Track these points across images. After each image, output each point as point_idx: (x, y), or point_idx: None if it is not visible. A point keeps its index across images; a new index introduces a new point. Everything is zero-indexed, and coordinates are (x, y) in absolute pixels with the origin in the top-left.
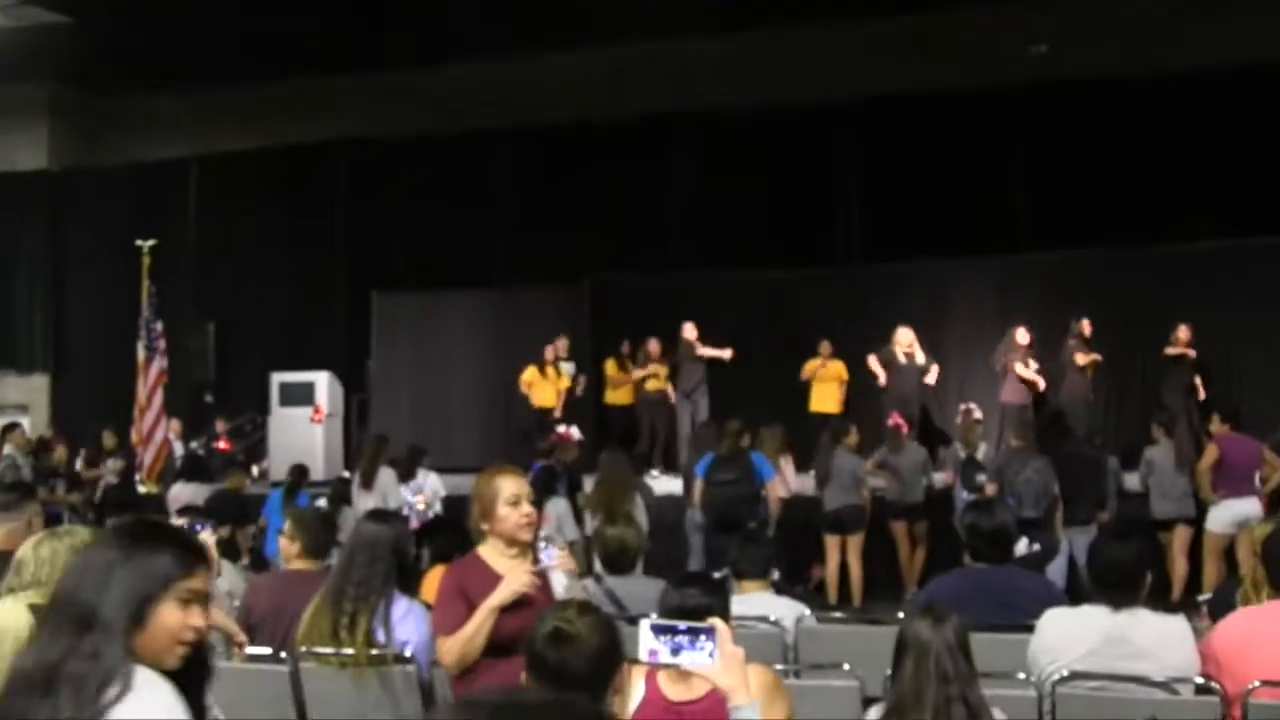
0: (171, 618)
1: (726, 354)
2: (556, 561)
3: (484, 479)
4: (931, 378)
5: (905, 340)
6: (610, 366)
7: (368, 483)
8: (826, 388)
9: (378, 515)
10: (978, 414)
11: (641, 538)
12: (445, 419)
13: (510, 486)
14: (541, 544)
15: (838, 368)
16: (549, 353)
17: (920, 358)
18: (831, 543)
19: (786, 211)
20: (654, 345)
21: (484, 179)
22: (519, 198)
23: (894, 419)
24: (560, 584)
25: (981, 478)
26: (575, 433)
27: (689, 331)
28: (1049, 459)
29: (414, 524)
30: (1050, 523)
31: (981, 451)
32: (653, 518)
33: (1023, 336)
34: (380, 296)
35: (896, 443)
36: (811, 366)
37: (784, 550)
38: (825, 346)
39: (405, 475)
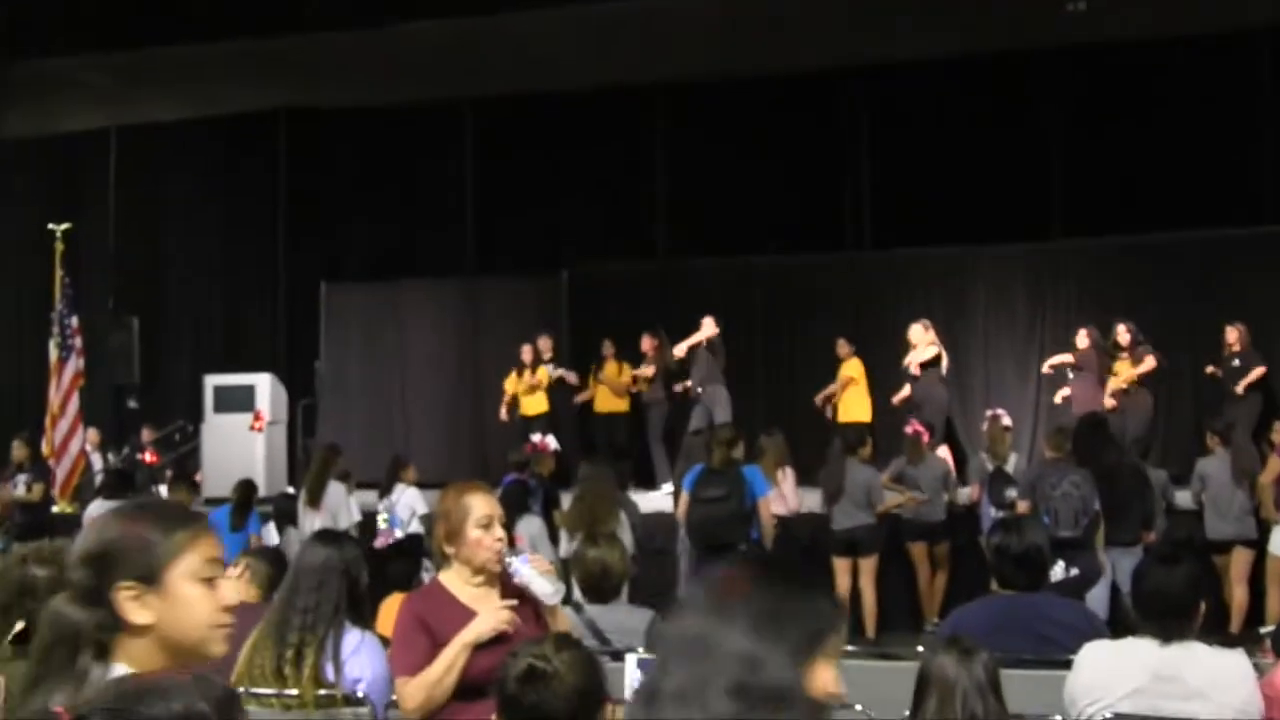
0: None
1: (689, 343)
2: (531, 570)
3: (451, 496)
4: (942, 367)
5: (917, 340)
6: (612, 369)
7: (315, 500)
8: (849, 393)
9: (325, 537)
10: (1006, 420)
11: (626, 561)
12: (404, 427)
13: (481, 506)
14: (510, 559)
15: (850, 370)
16: (526, 354)
17: (909, 354)
18: (841, 566)
19: (789, 192)
20: (647, 341)
21: (447, 155)
22: (487, 176)
23: (912, 426)
24: (545, 590)
25: (1011, 493)
26: (552, 442)
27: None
28: (1088, 471)
29: (383, 542)
30: (1090, 544)
31: (1011, 463)
32: (639, 538)
33: (1124, 335)
34: (329, 288)
35: (916, 453)
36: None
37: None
38: (843, 346)
39: (385, 490)
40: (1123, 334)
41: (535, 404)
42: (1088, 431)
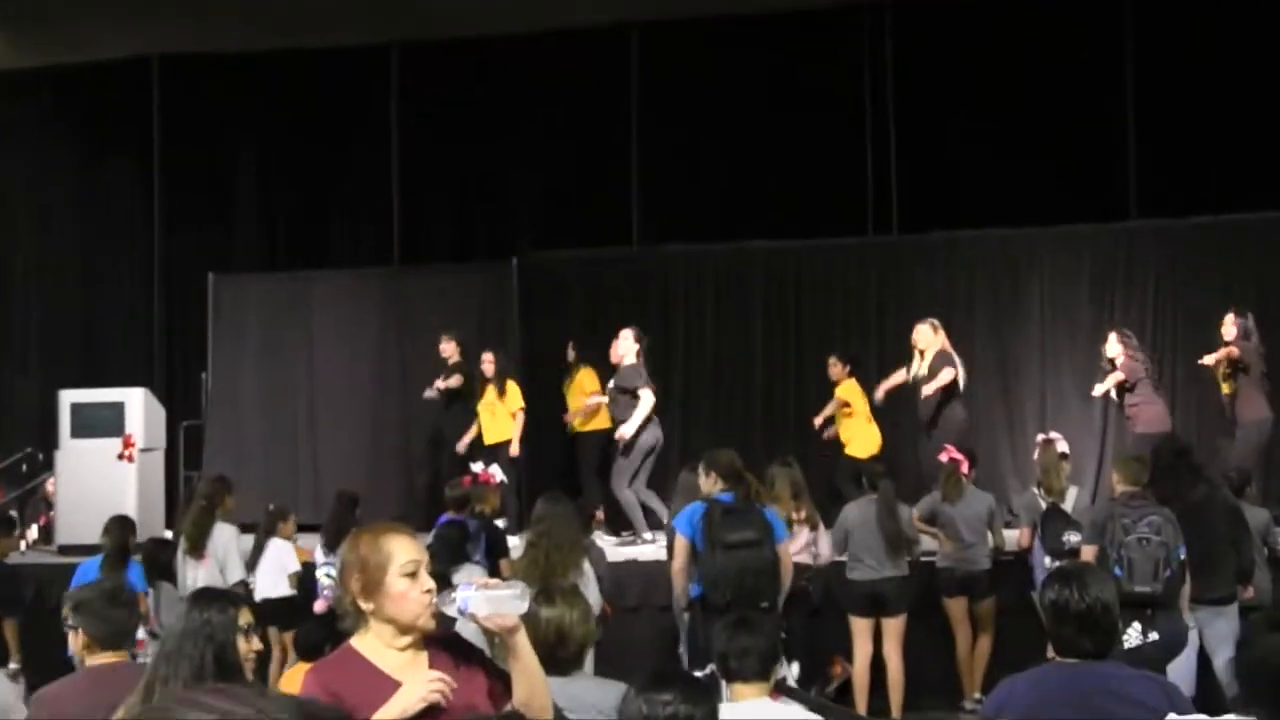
0: None
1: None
2: (482, 597)
3: (366, 541)
4: (930, 387)
5: (922, 342)
6: (587, 378)
7: (198, 547)
8: (850, 423)
9: (201, 599)
10: (1063, 446)
11: (591, 621)
12: (313, 454)
13: (406, 550)
14: (452, 597)
15: (846, 393)
16: (486, 365)
17: (917, 363)
18: (861, 628)
19: (795, 160)
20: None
21: (367, 114)
22: (419, 140)
23: (948, 453)
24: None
25: (1072, 536)
26: (497, 473)
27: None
28: (1171, 510)
29: (323, 606)
30: (1173, 602)
31: (1070, 499)
32: (607, 592)
33: (1229, 329)
34: (219, 281)
35: (953, 486)
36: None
37: (799, 638)
38: (835, 366)
39: (335, 538)
40: (1228, 326)
41: (499, 428)
42: (1170, 460)
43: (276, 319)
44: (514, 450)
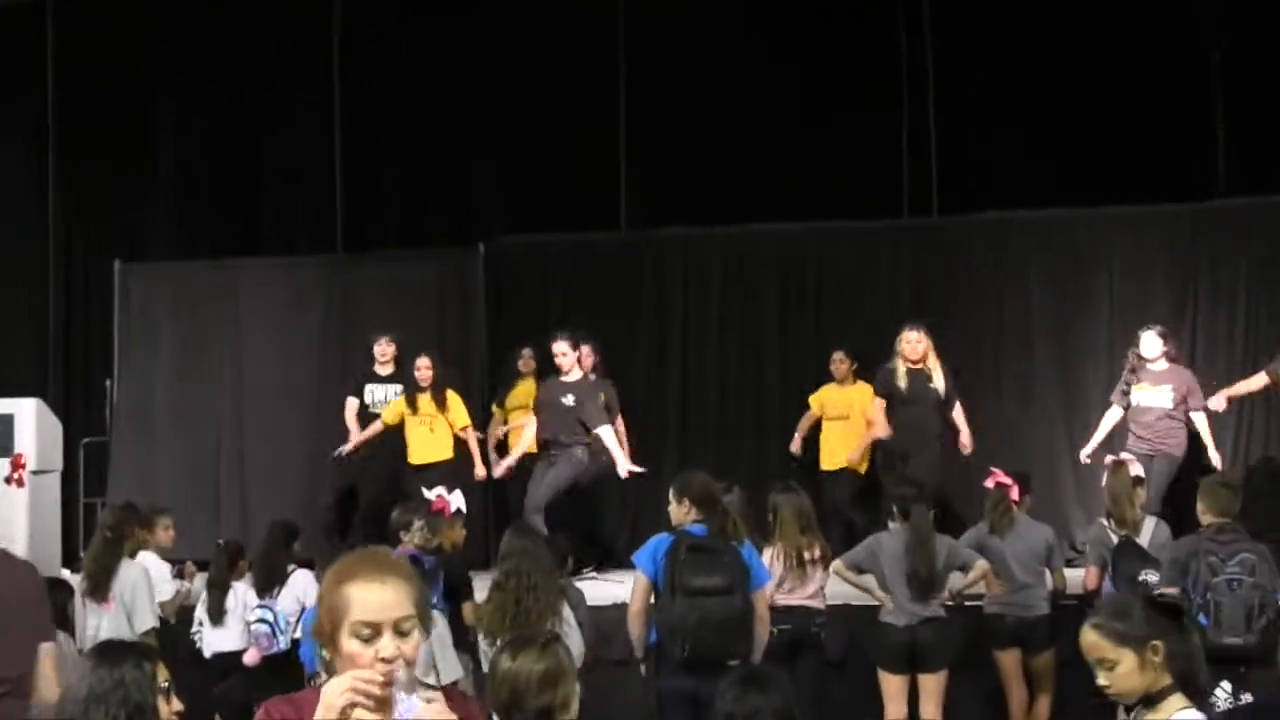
0: None
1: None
2: None
3: (330, 580)
4: (960, 418)
5: (912, 350)
6: (524, 392)
7: (100, 588)
8: (832, 430)
9: (110, 653)
10: (1137, 469)
11: (569, 684)
12: (240, 477)
13: (367, 604)
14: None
15: (855, 396)
16: (422, 371)
17: (937, 377)
18: (894, 687)
19: (813, 130)
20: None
21: (306, 74)
22: (367, 106)
23: (995, 477)
24: None
25: (1149, 576)
26: (455, 500)
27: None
28: (1268, 546)
29: (255, 656)
30: (1271, 655)
31: (1147, 532)
32: (591, 642)
33: None
34: (128, 271)
35: (1002, 516)
36: (818, 400)
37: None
38: (839, 361)
39: (267, 578)
40: None
41: (426, 447)
42: (1266, 485)
43: (196, 315)
44: (479, 472)
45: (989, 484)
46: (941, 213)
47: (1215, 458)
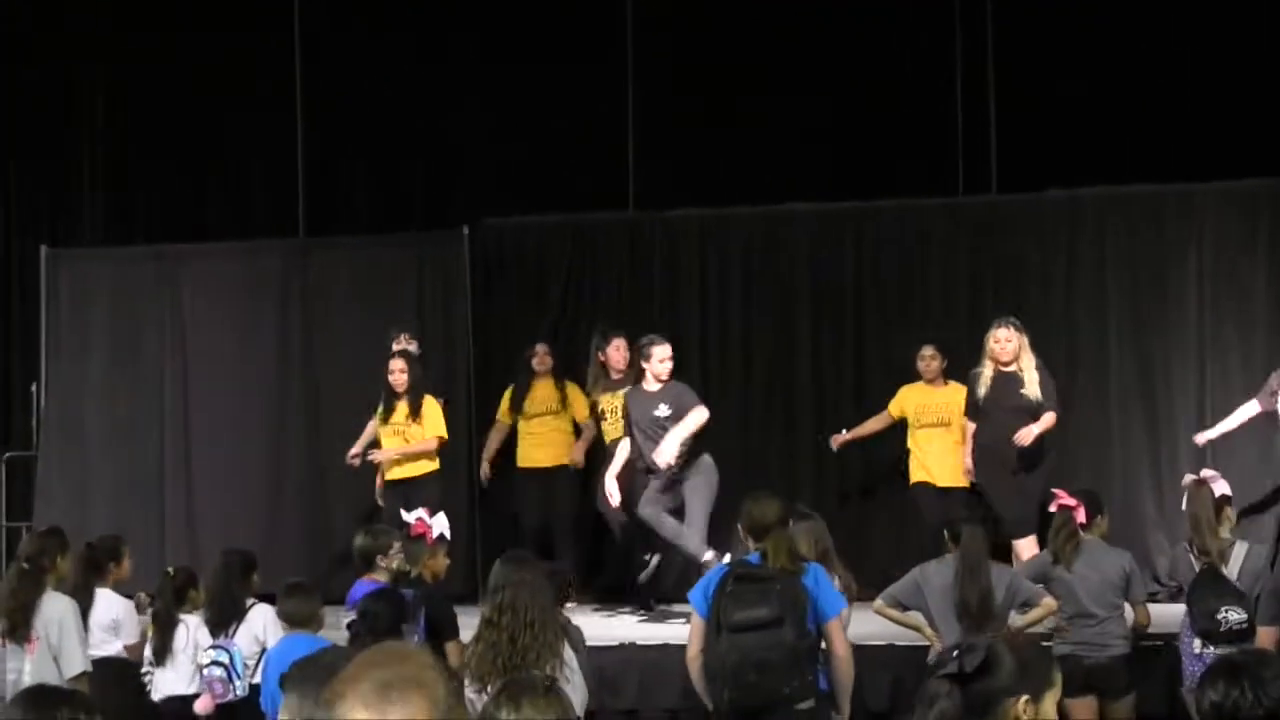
0: None
1: None
2: None
3: (340, 682)
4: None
5: (1002, 350)
6: (543, 393)
7: (20, 628)
8: (927, 438)
9: (40, 702)
10: (1222, 487)
11: None
12: (187, 496)
13: None
14: None
15: (953, 398)
16: (396, 375)
17: (1030, 381)
18: None
19: (852, 96)
20: (619, 349)
21: (262, 34)
22: (332, 71)
23: (1059, 500)
24: None
25: (1230, 614)
26: (439, 525)
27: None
28: None
29: (207, 704)
30: None
31: (1237, 559)
32: (595, 689)
33: None
34: (56, 258)
35: (1067, 544)
36: (908, 397)
37: None
38: (930, 357)
39: (221, 615)
40: None
41: (406, 460)
42: None
43: (135, 310)
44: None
45: (1052, 508)
46: (1001, 190)
47: None
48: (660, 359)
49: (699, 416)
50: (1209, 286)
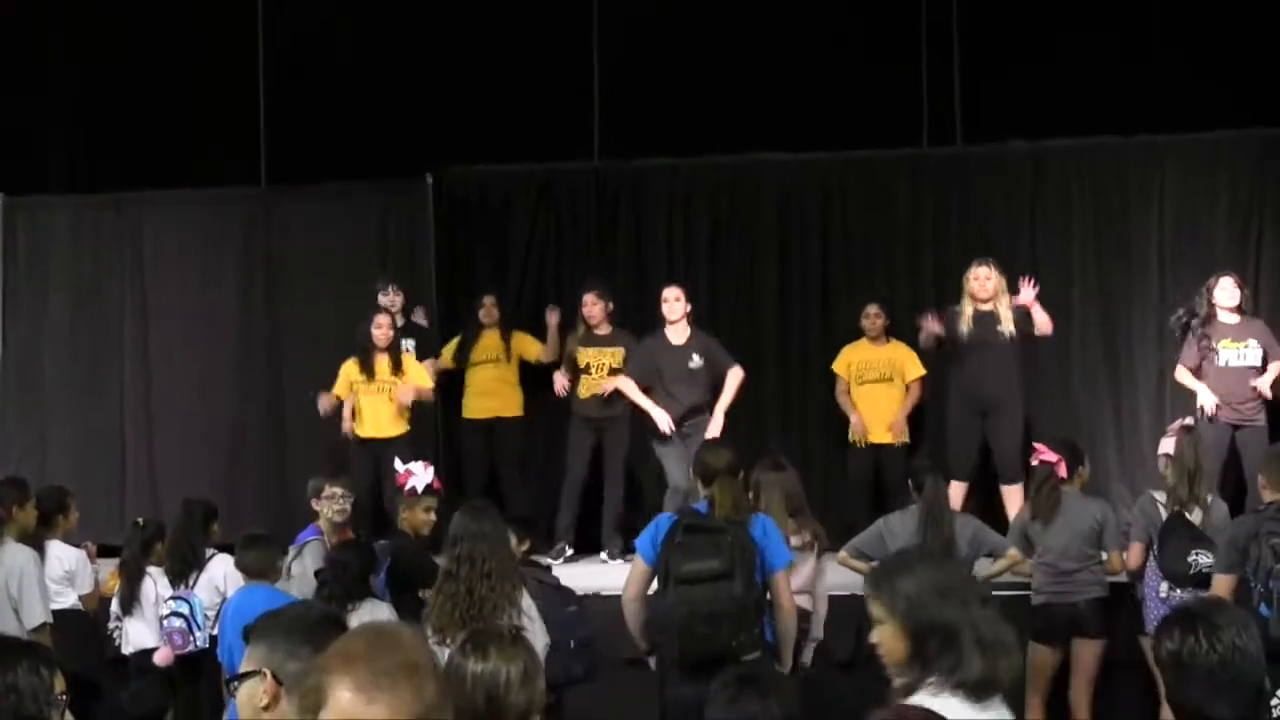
0: None
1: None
2: None
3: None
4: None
5: (981, 288)
6: (526, 344)
7: None
8: (870, 395)
9: (2, 654)
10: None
11: (540, 680)
12: (148, 448)
13: (341, 712)
14: None
15: (896, 355)
16: (380, 330)
17: (1006, 319)
18: None
19: (817, 47)
20: (597, 305)
21: None
22: (300, 16)
23: (1039, 454)
24: None
25: (1202, 558)
26: (425, 476)
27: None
28: None
29: (167, 656)
30: None
31: (1196, 514)
32: (559, 639)
33: None
34: (12, 206)
35: (1047, 499)
36: (844, 360)
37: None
38: (875, 315)
39: (181, 565)
40: None
41: (383, 417)
42: None
43: (95, 260)
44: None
45: (1035, 461)
46: (966, 141)
47: None
48: (672, 299)
49: (737, 377)
50: (1171, 237)
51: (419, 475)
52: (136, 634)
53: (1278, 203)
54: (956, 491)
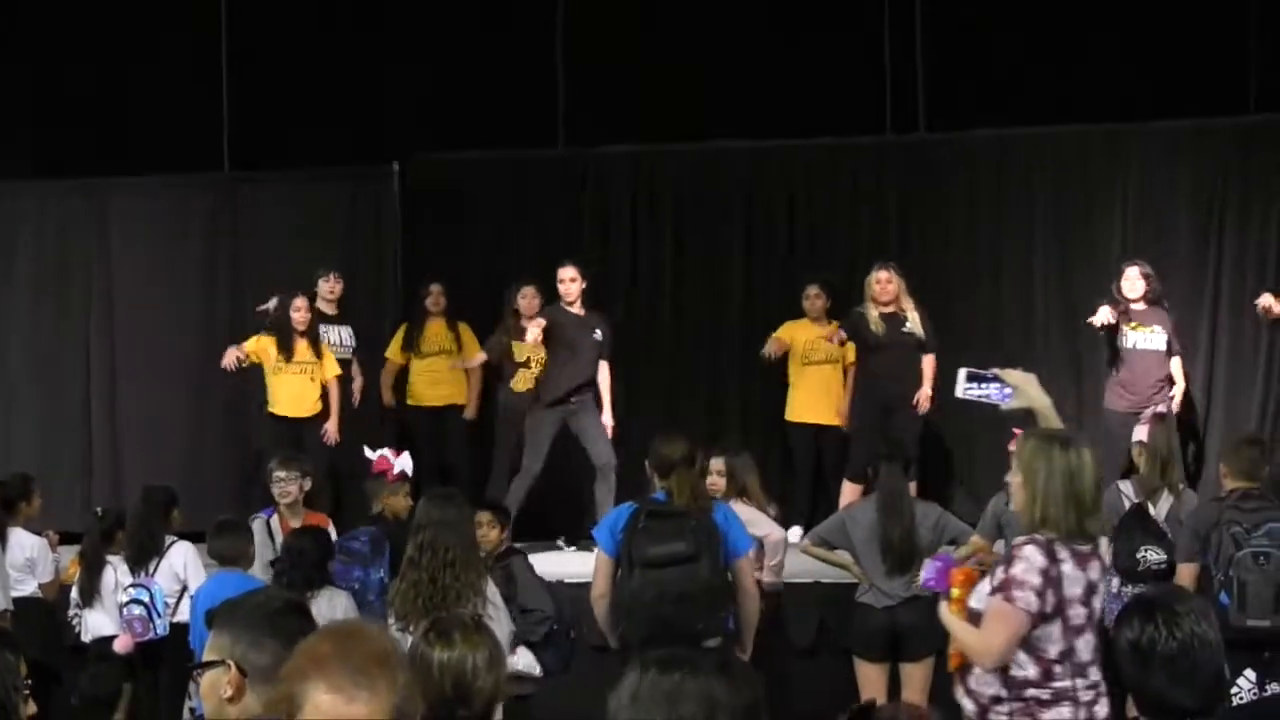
0: None
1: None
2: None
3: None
4: (929, 368)
5: (882, 290)
6: (435, 332)
7: None
8: (817, 376)
9: None
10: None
11: (503, 667)
12: (111, 434)
13: (322, 713)
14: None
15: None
16: (301, 313)
17: (913, 320)
18: (871, 676)
19: (781, 33)
20: (530, 296)
21: None
22: (265, 4)
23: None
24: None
25: (1150, 554)
26: (402, 463)
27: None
28: None
29: (127, 643)
30: None
31: (1167, 500)
32: (523, 624)
33: None
34: None
35: None
36: (788, 334)
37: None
38: (815, 295)
39: (141, 552)
40: None
41: (295, 395)
42: None
43: (61, 244)
44: (331, 429)
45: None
46: (930, 129)
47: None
48: (568, 279)
49: (608, 372)
50: (1134, 225)
51: (401, 461)
52: (95, 622)
53: (1241, 193)
54: (851, 492)
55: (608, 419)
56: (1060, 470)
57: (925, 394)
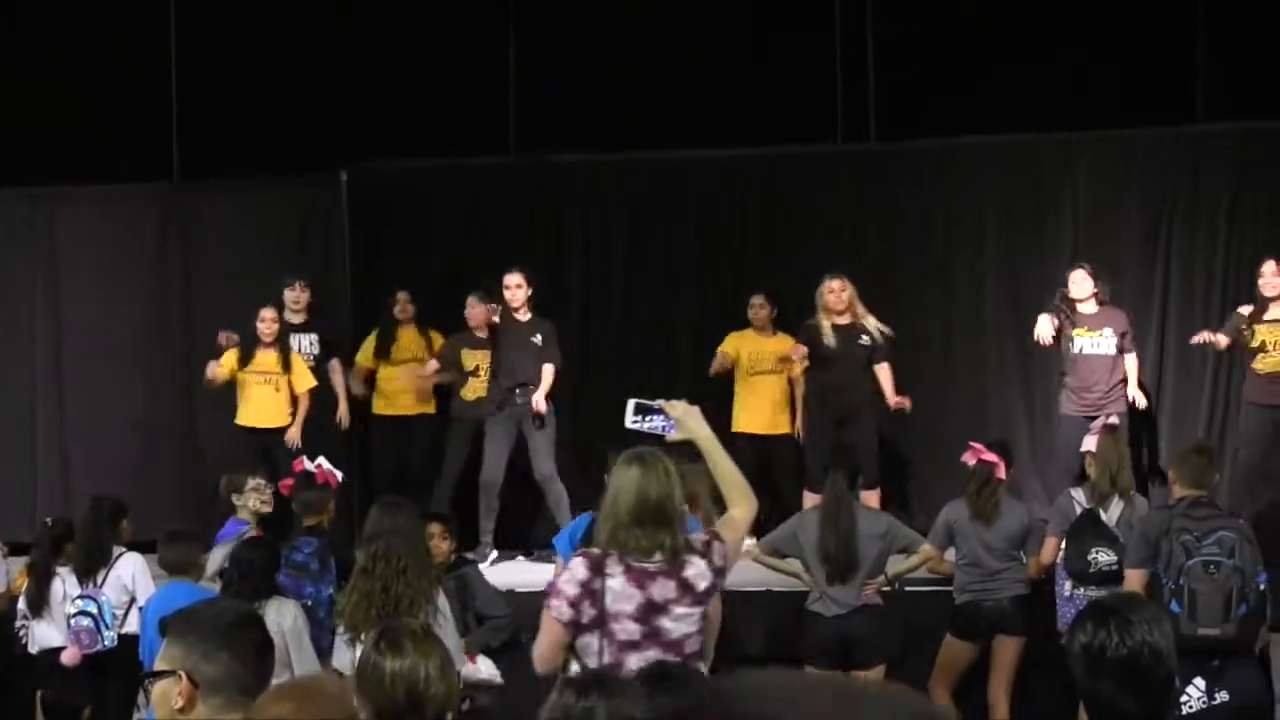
0: None
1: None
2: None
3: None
4: (886, 375)
5: (836, 300)
6: (408, 341)
7: None
8: (763, 385)
9: None
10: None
11: (454, 676)
12: (58, 444)
13: None
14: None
15: (781, 348)
16: (267, 324)
17: (869, 327)
18: None
19: (734, 43)
20: (477, 309)
21: None
22: (213, 11)
23: (977, 454)
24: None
25: (1101, 555)
26: (331, 471)
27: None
28: (1244, 521)
29: (74, 655)
30: (1250, 648)
31: (1119, 506)
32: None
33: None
34: None
35: (988, 501)
36: (732, 346)
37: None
38: (759, 306)
39: (89, 563)
40: (1271, 278)
41: (265, 407)
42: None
43: (8, 253)
44: (293, 435)
45: (968, 459)
46: (880, 138)
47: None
48: (514, 285)
49: (552, 371)
50: (1084, 233)
51: (330, 470)
52: (43, 634)
53: (1188, 201)
54: (811, 502)
55: (540, 403)
56: (630, 488)
57: (896, 400)
